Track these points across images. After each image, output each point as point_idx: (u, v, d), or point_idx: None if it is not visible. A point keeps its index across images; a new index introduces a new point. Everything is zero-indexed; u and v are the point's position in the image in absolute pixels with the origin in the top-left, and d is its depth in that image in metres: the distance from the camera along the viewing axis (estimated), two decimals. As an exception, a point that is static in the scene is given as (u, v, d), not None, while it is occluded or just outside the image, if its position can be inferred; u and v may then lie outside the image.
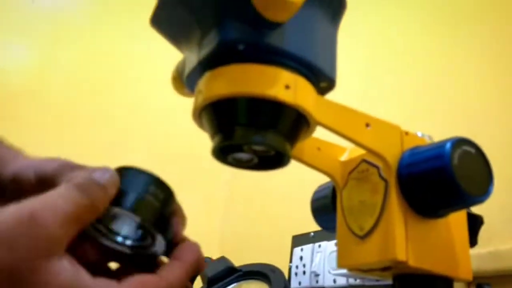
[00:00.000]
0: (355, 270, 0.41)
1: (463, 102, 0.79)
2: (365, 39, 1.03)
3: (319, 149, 0.43)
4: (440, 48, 0.87)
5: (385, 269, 0.38)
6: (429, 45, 0.89)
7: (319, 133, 0.40)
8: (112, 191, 0.31)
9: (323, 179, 0.48)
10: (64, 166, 0.34)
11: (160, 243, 0.33)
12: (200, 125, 0.37)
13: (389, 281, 0.64)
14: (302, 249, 0.85)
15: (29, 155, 0.39)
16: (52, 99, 1.29)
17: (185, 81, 0.39)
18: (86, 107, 1.28)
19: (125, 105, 1.34)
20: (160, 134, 1.31)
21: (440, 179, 0.34)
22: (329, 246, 0.79)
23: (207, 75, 0.35)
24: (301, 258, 0.85)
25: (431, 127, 0.46)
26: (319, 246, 0.82)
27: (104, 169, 0.31)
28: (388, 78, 0.95)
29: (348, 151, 0.44)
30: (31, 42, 1.57)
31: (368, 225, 0.38)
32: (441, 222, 0.38)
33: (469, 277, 0.39)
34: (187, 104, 0.37)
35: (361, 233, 0.39)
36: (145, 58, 1.41)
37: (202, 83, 0.35)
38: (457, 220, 0.40)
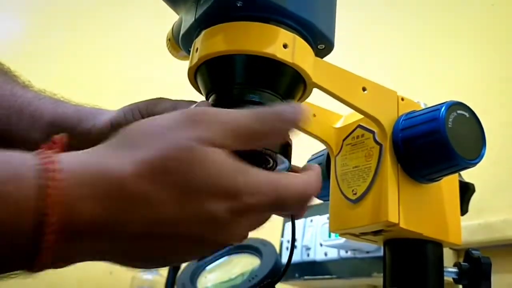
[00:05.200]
0: (347, 234, 0.41)
1: (458, 71, 0.79)
2: (364, 8, 1.02)
3: (314, 115, 0.43)
4: (437, 19, 0.87)
5: (376, 232, 0.39)
6: (427, 16, 0.89)
7: (315, 99, 0.40)
8: (290, 128, 0.30)
9: (317, 147, 0.48)
10: (180, 103, 0.38)
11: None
12: (195, 85, 0.37)
13: (380, 253, 0.65)
14: (294, 224, 0.86)
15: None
16: (43, 75, 1.27)
17: (180, 41, 0.38)
18: (77, 83, 1.27)
19: (117, 81, 1.33)
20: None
21: (434, 142, 0.35)
22: (321, 220, 0.79)
23: (204, 33, 0.34)
24: (292, 232, 0.85)
25: (427, 96, 0.46)
26: (311, 220, 0.82)
27: (292, 107, 0.30)
28: (385, 46, 0.95)
29: (343, 118, 0.44)
30: (23, 19, 1.55)
31: (361, 189, 0.39)
32: (433, 187, 0.39)
33: (459, 242, 0.39)
34: (183, 80, 0.37)
35: (354, 198, 0.39)
36: (136, 33, 1.39)
37: (198, 41, 0.34)
38: (449, 186, 0.40)
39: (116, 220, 0.25)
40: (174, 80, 0.70)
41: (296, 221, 0.88)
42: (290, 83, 0.34)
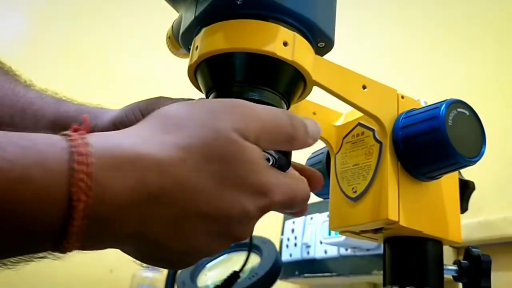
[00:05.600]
0: (347, 232, 0.41)
1: (458, 69, 0.79)
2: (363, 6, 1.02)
3: (314, 113, 0.43)
4: (438, 17, 0.87)
5: (376, 230, 0.39)
6: (428, 14, 0.89)
7: (315, 98, 0.40)
8: (310, 143, 0.32)
9: (317, 145, 0.48)
10: (179, 100, 0.37)
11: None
12: (195, 83, 0.37)
13: (380, 251, 0.65)
14: (293, 222, 0.86)
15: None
16: (44, 71, 1.27)
17: (180, 39, 0.38)
18: (77, 80, 1.27)
19: (117, 79, 1.33)
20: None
21: (434, 140, 0.35)
22: (321, 218, 0.79)
23: (204, 31, 0.34)
24: (292, 230, 0.86)
25: (427, 94, 0.46)
26: (311, 218, 0.82)
27: (316, 124, 0.33)
28: (385, 44, 0.94)
29: (343, 116, 0.44)
30: (24, 15, 1.54)
31: (361, 187, 0.39)
32: (433, 185, 0.39)
33: (459, 240, 0.40)
34: (183, 78, 0.37)
35: (354, 196, 0.39)
36: (136, 32, 1.39)
37: (198, 39, 0.34)
38: (449, 184, 0.40)
39: (150, 202, 0.24)
40: (174, 78, 0.70)
41: (297, 219, 0.88)
42: (290, 81, 0.34)
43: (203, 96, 0.36)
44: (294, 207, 0.31)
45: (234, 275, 0.34)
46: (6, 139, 0.23)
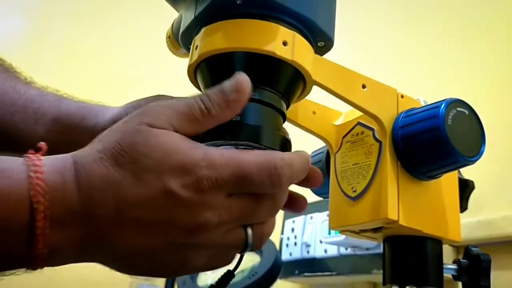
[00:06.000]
0: (347, 231, 0.41)
1: (458, 68, 0.79)
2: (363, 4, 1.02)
3: (314, 112, 0.43)
4: (438, 16, 0.87)
5: (376, 229, 0.39)
6: (428, 14, 0.89)
7: (315, 97, 0.40)
8: (229, 102, 0.30)
9: (317, 145, 0.48)
10: (178, 98, 0.38)
11: None
12: (195, 82, 0.37)
13: (379, 250, 0.65)
14: (293, 221, 0.86)
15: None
16: (44, 70, 1.27)
17: (180, 39, 0.38)
18: (78, 80, 1.27)
19: (117, 78, 1.33)
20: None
21: (434, 139, 0.35)
22: (321, 217, 0.79)
23: (204, 30, 0.34)
24: (292, 229, 0.86)
25: (427, 93, 0.46)
26: (311, 217, 0.83)
27: (234, 78, 0.31)
28: (385, 43, 0.94)
29: (343, 115, 0.44)
30: (24, 14, 1.54)
31: (361, 187, 0.39)
32: (432, 184, 0.39)
33: (458, 239, 0.40)
34: (183, 78, 0.37)
35: (353, 195, 0.39)
36: (136, 31, 1.39)
37: (198, 39, 0.34)
38: (449, 183, 0.40)
39: (88, 202, 0.27)
40: (174, 78, 0.70)
41: (297, 219, 0.88)
42: (289, 80, 0.34)
43: None
44: (254, 187, 0.28)
45: (228, 274, 0.34)
46: None
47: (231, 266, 0.34)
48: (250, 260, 0.81)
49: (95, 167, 0.27)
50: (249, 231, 0.30)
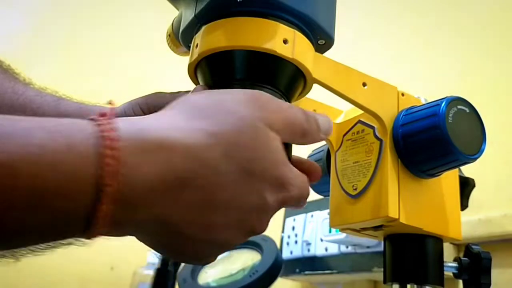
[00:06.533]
0: (347, 229, 0.41)
1: (458, 66, 0.79)
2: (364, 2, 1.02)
3: (314, 111, 0.43)
4: (439, 14, 0.87)
5: (377, 228, 0.39)
6: (429, 11, 0.89)
7: (316, 95, 0.40)
8: (322, 138, 0.32)
9: (317, 143, 0.48)
10: (179, 94, 0.37)
11: None
12: (195, 81, 0.37)
13: (380, 248, 0.65)
14: (294, 219, 0.86)
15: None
16: (43, 68, 1.27)
17: (180, 37, 0.38)
18: (77, 78, 1.27)
19: (117, 77, 1.33)
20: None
21: (434, 137, 0.35)
22: (322, 216, 0.79)
23: (204, 28, 0.34)
24: (293, 228, 0.86)
25: (427, 91, 0.46)
26: (312, 216, 0.83)
27: (328, 119, 0.33)
28: (385, 41, 0.94)
29: (344, 114, 0.44)
30: (24, 14, 1.54)
31: (361, 185, 0.39)
32: (433, 182, 0.39)
33: (459, 237, 0.40)
34: (181, 74, 0.37)
35: (354, 193, 0.39)
36: (137, 29, 1.39)
37: (198, 37, 0.34)
38: (449, 181, 0.40)
39: (177, 186, 0.24)
40: (174, 76, 0.70)
41: (297, 217, 0.88)
42: (290, 78, 0.34)
43: None
44: (302, 203, 0.31)
45: (161, 272, 0.34)
46: (33, 123, 0.23)
47: (236, 265, 0.34)
48: (251, 258, 0.81)
49: (201, 155, 0.25)
50: None
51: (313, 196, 0.43)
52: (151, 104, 0.39)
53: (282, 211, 0.91)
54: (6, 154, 0.21)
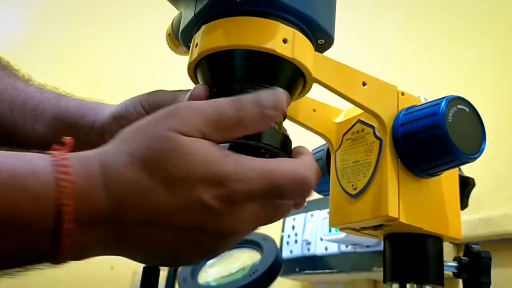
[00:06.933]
0: (347, 229, 0.41)
1: (458, 65, 0.79)
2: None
3: (314, 110, 0.43)
4: (438, 13, 0.87)
5: (376, 227, 0.39)
6: (429, 11, 0.89)
7: (315, 95, 0.40)
8: (271, 114, 0.29)
9: (317, 142, 0.48)
10: (179, 93, 0.38)
11: None
12: (195, 80, 0.37)
13: (380, 248, 0.65)
14: (294, 219, 0.86)
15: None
16: (43, 69, 1.27)
17: (180, 36, 0.38)
18: (76, 79, 1.26)
19: (116, 76, 1.33)
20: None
21: (434, 136, 0.35)
22: (322, 215, 0.79)
23: (204, 28, 0.34)
24: (293, 227, 0.86)
25: (427, 90, 0.46)
26: (312, 215, 0.83)
27: (271, 92, 0.30)
28: (385, 41, 0.94)
29: (344, 113, 0.44)
30: (22, 12, 1.54)
31: (361, 184, 0.39)
32: (433, 182, 0.39)
33: (459, 236, 0.40)
34: (180, 75, 0.37)
35: (354, 192, 0.39)
36: (136, 28, 1.39)
37: (198, 36, 0.34)
38: (449, 181, 0.40)
39: (118, 207, 0.26)
40: (174, 76, 0.70)
41: (297, 216, 0.88)
42: (290, 78, 0.34)
43: None
44: (283, 196, 0.29)
45: (148, 269, 0.34)
46: (2, 154, 0.26)
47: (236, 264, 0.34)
48: (251, 257, 0.81)
49: (124, 172, 0.27)
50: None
51: (313, 195, 0.43)
52: (152, 102, 0.39)
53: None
54: None
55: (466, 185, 0.44)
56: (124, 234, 0.27)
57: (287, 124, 0.35)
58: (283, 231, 0.87)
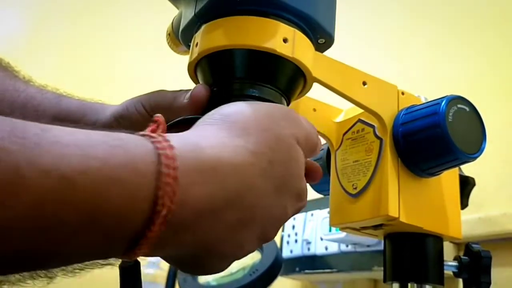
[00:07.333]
0: (348, 228, 0.41)
1: (458, 65, 0.79)
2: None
3: (314, 110, 0.43)
4: (439, 12, 0.87)
5: (377, 226, 0.39)
6: (429, 10, 0.89)
7: (316, 94, 0.40)
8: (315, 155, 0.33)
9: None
10: (180, 93, 0.37)
11: None
12: (195, 80, 0.37)
13: (380, 247, 0.65)
14: (294, 218, 0.86)
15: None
16: (43, 68, 1.27)
17: (180, 36, 0.38)
18: (76, 79, 1.26)
19: (116, 76, 1.33)
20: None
21: (434, 136, 0.35)
22: (322, 215, 0.79)
23: (204, 27, 0.34)
24: (293, 227, 0.86)
25: (427, 90, 0.46)
26: (312, 215, 0.83)
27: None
28: (385, 40, 0.94)
29: (344, 113, 0.44)
30: (22, 13, 1.54)
31: (361, 184, 0.39)
32: (433, 181, 0.39)
33: (459, 235, 0.40)
34: (181, 72, 0.37)
35: (354, 192, 0.39)
36: (136, 28, 1.39)
37: (198, 36, 0.34)
38: (449, 180, 0.40)
39: (224, 206, 0.24)
40: (174, 75, 0.70)
41: (297, 216, 0.88)
42: (290, 77, 0.34)
43: None
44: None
45: (125, 269, 0.32)
46: (95, 137, 0.22)
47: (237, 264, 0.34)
48: (251, 257, 0.81)
49: (245, 173, 0.25)
50: None
51: (313, 195, 0.43)
52: (153, 102, 0.39)
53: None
54: (66, 166, 0.20)
55: (466, 184, 0.44)
56: (211, 236, 0.25)
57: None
58: (283, 230, 0.87)
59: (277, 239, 0.83)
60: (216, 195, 0.24)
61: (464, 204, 0.43)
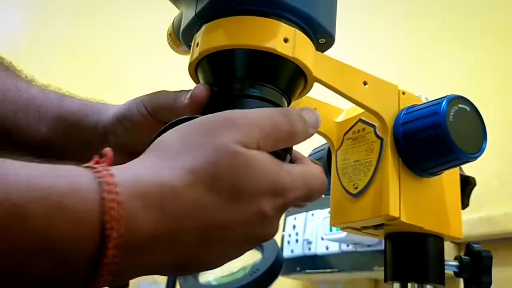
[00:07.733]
0: (348, 228, 0.41)
1: (459, 64, 0.79)
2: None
3: (315, 109, 0.43)
4: (439, 13, 0.87)
5: (377, 226, 0.39)
6: (429, 10, 0.89)
7: (316, 94, 0.40)
8: (311, 133, 0.32)
9: (318, 142, 0.48)
10: (181, 93, 0.37)
11: None
12: (196, 80, 0.37)
13: (381, 247, 0.65)
14: (295, 218, 0.86)
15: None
16: (43, 68, 1.27)
17: (181, 36, 0.38)
18: (77, 79, 1.27)
19: (117, 76, 1.33)
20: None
21: (435, 135, 0.35)
22: (322, 214, 0.80)
23: (205, 27, 0.34)
24: (294, 226, 0.86)
25: (428, 89, 0.46)
26: (312, 214, 0.83)
27: (313, 111, 0.33)
28: (386, 40, 0.94)
29: (344, 112, 0.44)
30: (23, 12, 1.54)
31: (362, 184, 0.39)
32: (434, 181, 0.39)
33: (460, 235, 0.40)
34: (181, 74, 0.37)
35: (355, 192, 0.39)
36: (137, 28, 1.39)
37: (199, 36, 0.34)
38: (450, 180, 0.40)
39: (173, 230, 0.25)
40: (175, 75, 0.70)
41: (298, 215, 0.88)
42: (291, 77, 0.34)
43: None
44: (311, 200, 0.31)
45: None
46: (38, 169, 0.23)
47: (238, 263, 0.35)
48: (252, 257, 0.81)
49: (186, 194, 0.25)
50: None
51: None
52: (155, 103, 0.39)
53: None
54: (16, 195, 0.21)
55: (467, 184, 0.44)
56: (175, 256, 0.25)
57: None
58: (284, 230, 0.88)
59: (277, 238, 0.83)
60: (161, 219, 0.24)
61: (465, 204, 0.43)
